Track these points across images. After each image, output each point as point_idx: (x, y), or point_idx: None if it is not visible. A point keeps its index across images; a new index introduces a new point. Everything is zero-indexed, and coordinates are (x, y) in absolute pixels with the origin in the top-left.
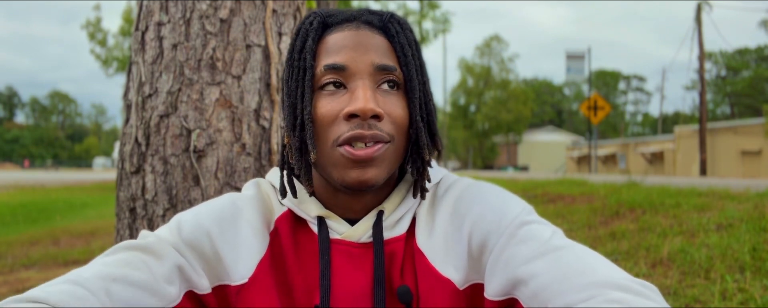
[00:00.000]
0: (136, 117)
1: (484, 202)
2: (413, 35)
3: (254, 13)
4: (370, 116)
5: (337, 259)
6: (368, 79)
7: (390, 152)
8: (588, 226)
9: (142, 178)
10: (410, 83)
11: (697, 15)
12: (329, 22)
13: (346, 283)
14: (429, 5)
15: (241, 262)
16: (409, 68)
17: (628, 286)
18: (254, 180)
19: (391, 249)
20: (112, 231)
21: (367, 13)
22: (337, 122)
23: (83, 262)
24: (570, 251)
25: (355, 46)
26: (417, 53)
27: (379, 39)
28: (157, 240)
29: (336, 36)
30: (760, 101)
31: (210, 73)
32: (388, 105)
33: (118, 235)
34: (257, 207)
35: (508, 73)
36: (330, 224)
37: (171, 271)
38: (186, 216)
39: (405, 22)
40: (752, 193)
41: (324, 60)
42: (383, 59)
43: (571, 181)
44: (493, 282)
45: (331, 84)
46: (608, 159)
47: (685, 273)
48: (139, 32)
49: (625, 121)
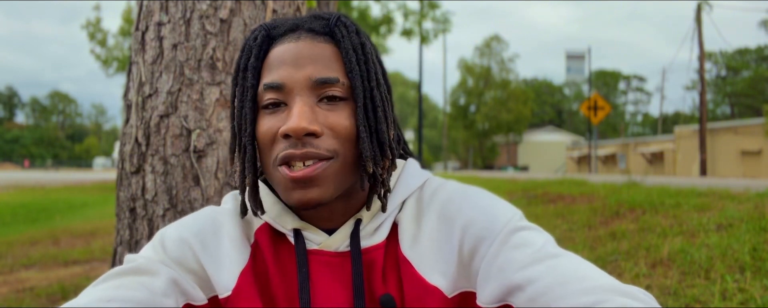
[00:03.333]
0: (136, 117)
1: (474, 206)
2: (362, 37)
3: (254, 13)
4: (303, 135)
5: (316, 270)
6: (306, 95)
7: (333, 169)
8: (588, 226)
9: (142, 178)
10: (354, 91)
11: (697, 15)
12: (274, 34)
13: (326, 294)
14: (429, 5)
15: (223, 274)
16: (353, 75)
17: (631, 293)
18: (233, 193)
19: (370, 257)
20: (112, 231)
21: (312, 19)
22: (277, 141)
23: (83, 262)
24: (566, 259)
25: (293, 61)
26: (364, 57)
27: (321, 48)
28: (146, 260)
29: (277, 50)
30: (760, 101)
31: (210, 73)
32: (330, 118)
33: (118, 235)
34: (236, 220)
35: (508, 73)
36: (306, 235)
37: (167, 285)
38: (168, 231)
39: (352, 24)
40: (752, 193)
41: (265, 77)
42: (322, 72)
43: (571, 181)
44: (487, 289)
45: (272, 103)
46: (608, 160)
47: (685, 273)
48: (139, 32)
49: (625, 121)
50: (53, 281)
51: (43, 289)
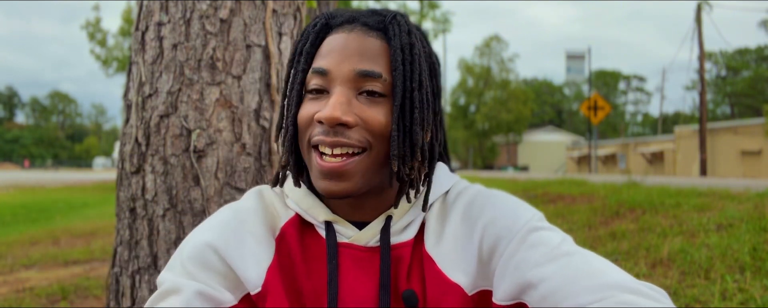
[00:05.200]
0: (136, 117)
1: (495, 207)
2: (413, 38)
3: (254, 13)
4: (335, 124)
5: (344, 263)
6: (346, 85)
7: (364, 163)
8: (588, 226)
9: (142, 178)
10: (394, 89)
11: (697, 15)
12: (332, 23)
13: (351, 287)
14: (429, 5)
15: (251, 272)
16: (396, 73)
17: (638, 289)
18: (256, 189)
19: (398, 254)
20: (112, 231)
21: (370, 13)
22: (313, 126)
23: (83, 262)
24: (579, 256)
25: (341, 51)
26: (411, 57)
27: (371, 42)
28: (170, 282)
29: (330, 39)
30: (760, 101)
31: (210, 73)
32: (366, 112)
33: (118, 235)
34: (260, 216)
35: (508, 73)
36: (337, 228)
37: (190, 299)
38: (188, 238)
39: (406, 23)
40: (752, 193)
41: (315, 63)
42: (366, 65)
43: (571, 181)
44: (502, 286)
45: (316, 89)
46: (608, 160)
47: (685, 273)
48: (139, 32)
49: (625, 121)
50: (53, 281)
51: (43, 289)
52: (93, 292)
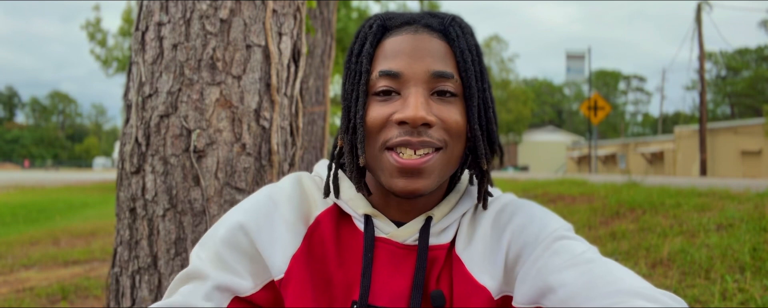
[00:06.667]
0: (136, 117)
1: (524, 215)
2: (474, 40)
3: (254, 13)
4: (420, 124)
5: (379, 257)
6: (422, 86)
7: (441, 161)
8: (588, 226)
9: (142, 178)
10: (469, 90)
11: (697, 15)
12: (389, 25)
13: (385, 282)
14: (429, 5)
15: (277, 257)
16: (467, 74)
17: (655, 297)
18: (297, 174)
19: (433, 255)
20: (112, 231)
21: (428, 15)
22: (388, 127)
23: (83, 262)
24: (601, 263)
25: (411, 52)
26: (477, 58)
27: (437, 43)
28: (198, 265)
29: (394, 40)
30: (760, 101)
31: (210, 73)
32: (442, 112)
33: (118, 235)
34: (295, 203)
35: (508, 73)
36: (376, 223)
37: (211, 289)
38: (226, 215)
39: (467, 26)
40: (752, 193)
41: (380, 65)
42: (440, 65)
43: (571, 181)
44: (523, 289)
45: (385, 90)
46: (608, 160)
47: (685, 273)
48: (139, 32)
49: (625, 121)
50: (53, 281)
51: (43, 289)
52: (93, 292)
